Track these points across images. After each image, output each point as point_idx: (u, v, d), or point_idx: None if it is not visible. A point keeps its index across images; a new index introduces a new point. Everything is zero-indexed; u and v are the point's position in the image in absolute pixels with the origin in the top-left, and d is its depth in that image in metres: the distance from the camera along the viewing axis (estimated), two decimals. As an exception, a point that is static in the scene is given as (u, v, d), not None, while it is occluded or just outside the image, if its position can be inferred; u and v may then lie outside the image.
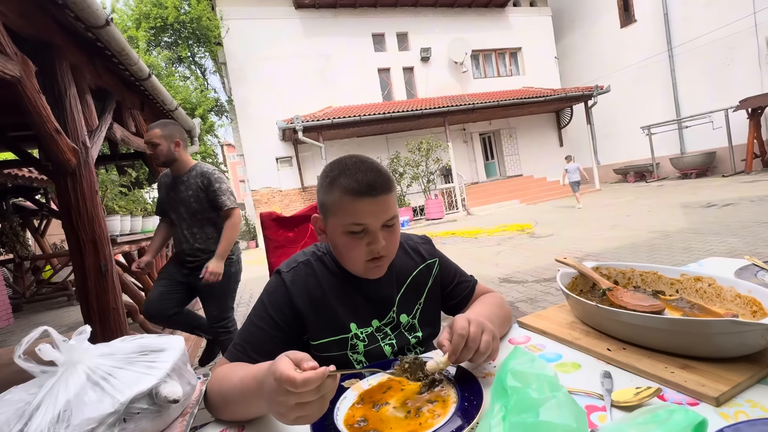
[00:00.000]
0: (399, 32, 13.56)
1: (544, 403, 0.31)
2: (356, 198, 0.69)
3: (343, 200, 0.70)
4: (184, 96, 10.52)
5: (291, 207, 12.11)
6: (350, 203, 0.70)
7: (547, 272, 3.92)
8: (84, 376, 0.52)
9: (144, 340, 0.62)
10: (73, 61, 2.23)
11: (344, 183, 0.70)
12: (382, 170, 0.73)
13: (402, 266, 0.86)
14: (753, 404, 0.48)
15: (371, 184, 0.69)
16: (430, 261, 0.90)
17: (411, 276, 0.86)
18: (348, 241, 0.73)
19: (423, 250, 0.91)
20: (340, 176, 0.71)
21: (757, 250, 3.46)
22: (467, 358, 0.62)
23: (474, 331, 0.62)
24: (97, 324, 2.15)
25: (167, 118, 3.97)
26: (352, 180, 0.69)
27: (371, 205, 0.70)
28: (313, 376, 0.46)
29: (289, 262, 0.82)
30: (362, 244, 0.72)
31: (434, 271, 0.89)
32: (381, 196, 0.70)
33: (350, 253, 0.74)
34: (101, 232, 2.17)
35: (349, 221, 0.71)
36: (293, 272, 0.79)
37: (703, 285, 0.73)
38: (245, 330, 0.75)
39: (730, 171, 10.67)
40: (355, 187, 0.69)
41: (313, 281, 0.78)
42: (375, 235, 0.71)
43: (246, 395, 0.58)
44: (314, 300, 0.77)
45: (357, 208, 0.70)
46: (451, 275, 0.92)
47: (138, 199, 3.10)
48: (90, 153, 2.20)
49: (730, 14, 10.88)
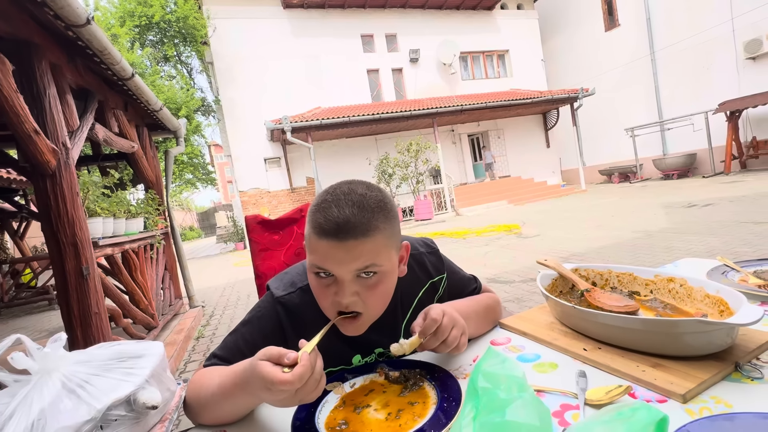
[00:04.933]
0: (388, 33, 13.60)
1: (511, 404, 0.32)
2: (319, 238, 0.59)
3: (311, 236, 0.61)
4: (169, 96, 10.34)
5: (279, 208, 12.02)
6: (315, 242, 0.60)
7: (534, 272, 3.97)
8: (59, 384, 0.51)
9: (122, 347, 0.61)
10: (53, 60, 2.18)
11: (315, 217, 0.60)
12: (369, 207, 0.59)
13: (407, 287, 0.77)
14: (717, 400, 0.50)
15: (340, 225, 0.57)
16: (436, 279, 0.82)
17: (417, 298, 0.79)
18: (315, 283, 0.64)
19: (429, 264, 0.81)
20: (317, 207, 0.61)
21: (735, 249, 3.56)
22: (433, 347, 0.64)
23: (445, 323, 0.63)
24: (78, 329, 2.10)
25: (152, 119, 3.92)
26: (321, 215, 0.59)
27: (334, 250, 0.58)
28: (303, 371, 0.47)
29: (285, 282, 0.74)
30: (329, 292, 0.62)
31: (440, 291, 0.83)
32: (350, 241, 0.57)
33: (319, 298, 0.65)
34: (82, 234, 2.12)
35: (312, 261, 0.62)
36: (288, 300, 0.71)
37: (675, 285, 0.76)
38: (230, 346, 0.70)
39: (710, 172, 10.98)
40: (322, 225, 0.58)
41: (311, 313, 0.69)
42: (341, 286, 0.60)
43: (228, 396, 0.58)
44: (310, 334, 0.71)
45: (319, 249, 0.59)
46: (458, 288, 0.86)
47: (121, 200, 3.04)
48: (71, 154, 2.15)
49: (709, 20, 11.22)
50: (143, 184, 4.01)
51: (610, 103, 14.24)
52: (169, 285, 4.15)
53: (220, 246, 14.85)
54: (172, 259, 4.30)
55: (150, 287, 3.35)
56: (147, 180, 3.91)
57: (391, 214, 0.63)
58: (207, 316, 4.30)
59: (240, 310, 4.31)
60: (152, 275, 3.55)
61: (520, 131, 14.83)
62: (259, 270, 1.27)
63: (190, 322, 3.76)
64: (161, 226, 3.96)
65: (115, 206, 2.88)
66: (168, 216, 4.25)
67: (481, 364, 0.40)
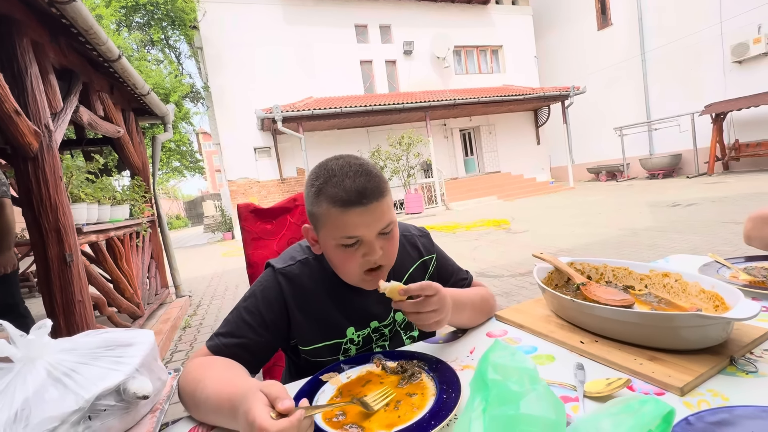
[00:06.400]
0: (382, 24, 13.43)
1: (524, 396, 0.32)
2: (345, 209, 0.62)
3: (331, 212, 0.64)
4: (156, 80, 10.06)
5: (269, 198, 11.88)
6: (339, 215, 0.63)
7: (522, 267, 4.02)
8: (44, 373, 0.49)
9: (110, 335, 0.59)
10: (35, 37, 2.09)
11: (331, 192, 0.63)
12: (373, 172, 0.66)
13: (399, 262, 0.81)
14: (714, 393, 0.50)
15: (361, 192, 0.62)
16: (427, 257, 0.87)
17: (408, 272, 0.83)
18: (341, 254, 0.67)
19: (421, 245, 0.87)
20: (327, 184, 0.64)
21: (717, 248, 3.66)
22: (407, 310, 0.64)
23: (433, 301, 0.64)
24: (61, 317, 2.05)
25: (139, 103, 3.81)
26: (339, 189, 0.63)
27: (363, 216, 0.63)
28: (287, 427, 0.42)
29: (285, 257, 0.77)
30: (357, 255, 0.67)
31: (431, 269, 0.87)
32: (373, 203, 0.63)
33: (345, 266, 0.69)
34: (65, 220, 2.06)
35: (340, 234, 0.65)
36: (288, 271, 0.74)
37: (670, 280, 0.77)
38: (232, 322, 0.71)
39: (694, 172, 11.22)
40: (343, 197, 0.62)
41: (310, 283, 0.74)
42: (371, 245, 0.65)
43: (218, 413, 0.55)
44: (309, 304, 0.74)
45: (347, 220, 0.63)
46: (448, 273, 0.90)
47: (106, 186, 2.96)
48: (53, 137, 2.07)
49: (698, 22, 11.38)
50: (129, 171, 3.91)
51: (600, 102, 14.40)
52: (156, 274, 4.08)
53: (208, 236, 14.65)
54: (159, 248, 4.22)
55: (136, 276, 3.28)
56: (133, 166, 3.81)
57: (385, 177, 0.71)
58: (194, 305, 4.25)
59: (228, 301, 4.26)
60: (138, 264, 3.48)
61: (511, 127, 14.90)
62: (251, 259, 1.25)
63: (177, 311, 3.71)
64: (147, 214, 3.87)
65: (100, 192, 2.80)
66: (154, 204, 4.16)
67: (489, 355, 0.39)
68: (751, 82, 10.28)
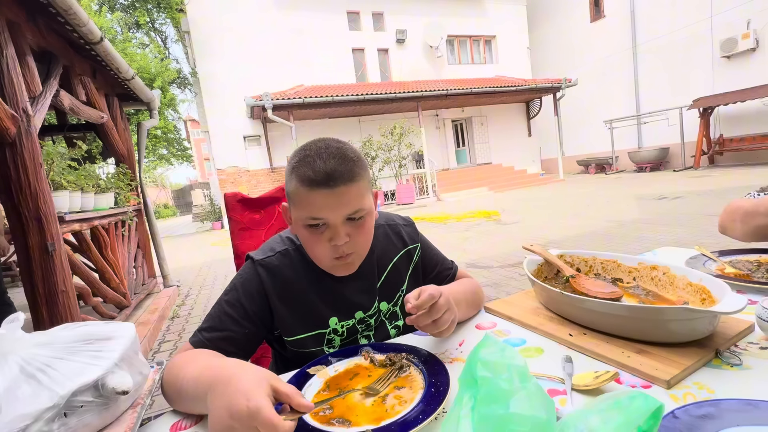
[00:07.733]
0: (375, 11, 13.20)
1: (514, 395, 0.31)
2: (311, 189, 0.63)
3: (299, 191, 0.65)
4: (142, 65, 9.76)
5: (259, 188, 11.74)
6: (306, 194, 0.64)
7: (512, 258, 4.05)
8: (16, 369, 0.47)
9: (89, 328, 0.57)
10: (10, 16, 1.99)
11: (301, 172, 0.64)
12: (348, 157, 0.65)
13: (383, 251, 0.82)
14: (700, 386, 0.50)
15: (329, 174, 0.62)
16: (411, 246, 0.87)
17: (392, 262, 0.83)
18: (308, 235, 0.68)
19: (405, 234, 0.87)
20: (300, 163, 0.65)
21: (701, 240, 3.73)
22: (424, 323, 0.63)
23: (441, 303, 0.63)
24: (44, 307, 2.00)
25: (123, 88, 3.69)
26: (308, 168, 0.63)
27: (327, 198, 0.63)
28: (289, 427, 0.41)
29: (264, 249, 0.77)
30: (323, 239, 0.67)
31: (415, 258, 0.87)
32: (340, 187, 0.63)
33: (312, 248, 0.70)
34: (47, 208, 2.00)
35: (306, 214, 0.66)
36: (268, 262, 0.74)
37: (658, 273, 0.77)
38: (215, 316, 0.70)
39: (681, 166, 11.41)
40: (311, 176, 0.63)
41: (291, 274, 0.74)
42: (336, 230, 0.66)
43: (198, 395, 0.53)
44: (290, 294, 0.73)
45: (312, 201, 0.64)
46: (433, 262, 0.90)
47: (89, 174, 2.87)
48: (32, 122, 2.00)
49: (689, 17, 11.45)
50: (114, 158, 3.81)
51: (591, 95, 14.46)
52: (142, 263, 4.01)
53: (197, 225, 14.46)
54: (145, 237, 4.15)
55: (121, 265, 3.22)
56: (118, 153, 3.71)
57: (365, 164, 0.70)
58: (182, 295, 4.20)
59: (217, 291, 4.22)
60: (124, 253, 3.41)
61: (503, 119, 14.90)
62: (239, 250, 1.22)
63: (165, 301, 3.66)
64: (133, 203, 3.80)
65: (83, 180, 2.73)
66: (141, 192, 4.07)
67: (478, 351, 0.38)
68: (739, 77, 10.41)
